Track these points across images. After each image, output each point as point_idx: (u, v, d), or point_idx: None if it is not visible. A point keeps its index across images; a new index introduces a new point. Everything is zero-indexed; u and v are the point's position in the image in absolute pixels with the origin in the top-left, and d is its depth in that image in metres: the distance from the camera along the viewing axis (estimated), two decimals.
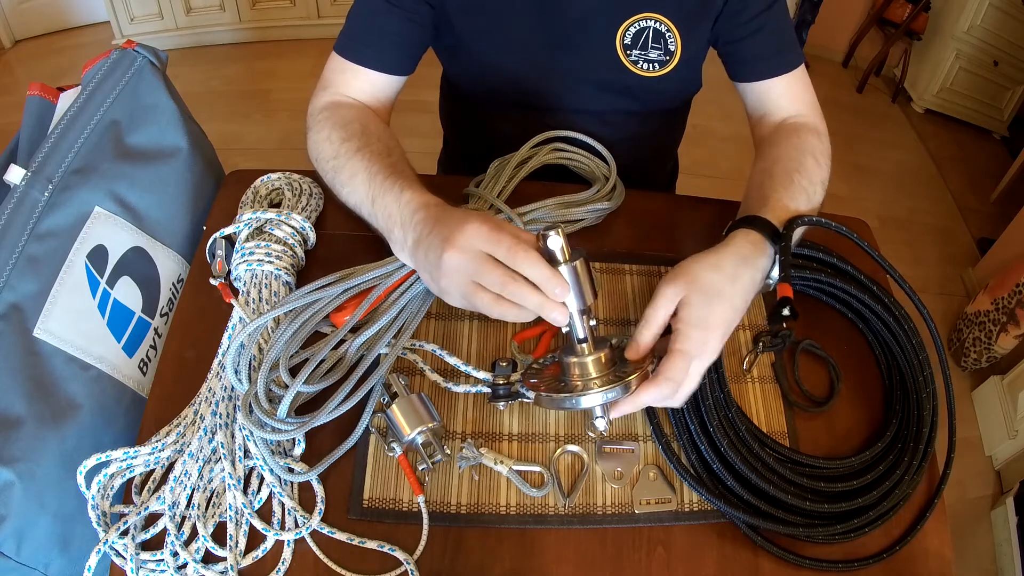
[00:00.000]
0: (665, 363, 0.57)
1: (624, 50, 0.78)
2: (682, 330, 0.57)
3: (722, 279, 0.59)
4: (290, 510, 0.58)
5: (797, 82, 0.79)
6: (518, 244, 0.53)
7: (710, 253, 0.62)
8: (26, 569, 0.58)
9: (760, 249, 0.62)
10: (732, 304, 0.59)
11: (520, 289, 0.53)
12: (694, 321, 0.57)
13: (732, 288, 0.59)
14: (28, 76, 2.39)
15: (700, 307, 0.58)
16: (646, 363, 0.58)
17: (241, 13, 2.49)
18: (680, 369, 0.56)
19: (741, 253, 0.61)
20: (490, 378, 0.64)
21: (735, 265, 0.60)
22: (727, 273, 0.60)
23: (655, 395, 0.56)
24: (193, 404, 0.63)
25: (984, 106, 2.56)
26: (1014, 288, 1.68)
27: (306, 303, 0.64)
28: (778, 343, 0.70)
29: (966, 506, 1.61)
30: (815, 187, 0.70)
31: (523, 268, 0.53)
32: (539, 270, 0.53)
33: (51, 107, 0.71)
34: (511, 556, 0.58)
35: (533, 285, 0.53)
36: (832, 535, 0.59)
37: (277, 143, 2.23)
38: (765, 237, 0.63)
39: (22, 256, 0.62)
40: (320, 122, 0.73)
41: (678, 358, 0.56)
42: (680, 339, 0.57)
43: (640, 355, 0.59)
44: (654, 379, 0.56)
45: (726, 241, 0.63)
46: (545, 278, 0.53)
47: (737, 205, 0.73)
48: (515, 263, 0.53)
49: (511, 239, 0.54)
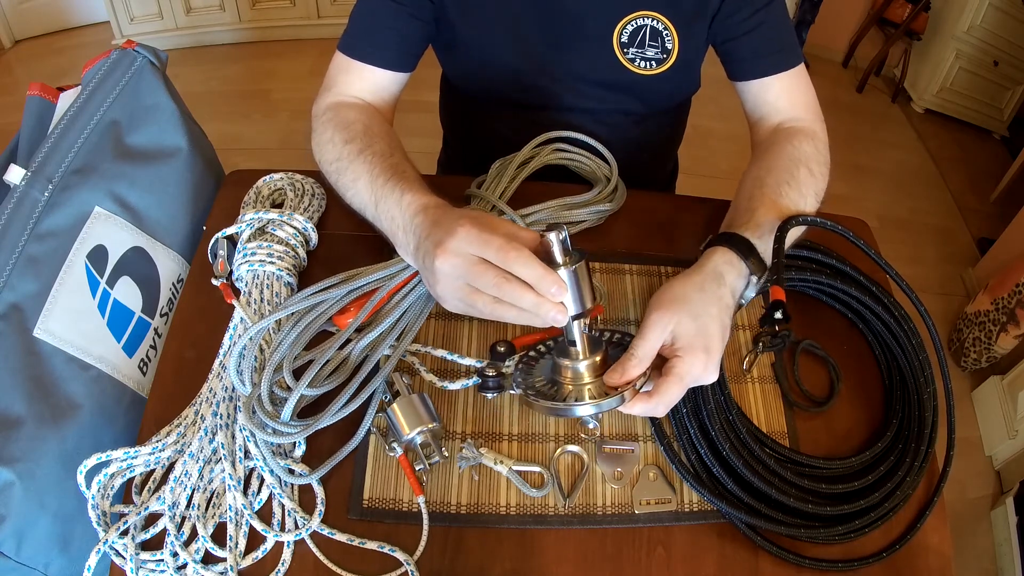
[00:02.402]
0: (663, 385, 0.56)
1: (621, 48, 0.78)
2: (683, 357, 0.56)
3: (708, 301, 0.59)
4: (290, 511, 0.58)
5: (796, 82, 0.78)
6: (508, 244, 0.52)
7: (690, 275, 0.61)
8: (26, 569, 0.58)
9: (735, 267, 0.62)
10: (722, 324, 0.59)
11: (514, 289, 0.52)
12: (693, 345, 0.56)
13: (718, 310, 0.59)
14: (28, 76, 2.39)
15: (695, 331, 0.57)
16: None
17: (241, 13, 2.49)
18: (677, 393, 0.56)
19: (717, 272, 0.61)
20: (480, 364, 0.63)
21: (715, 285, 0.60)
22: (711, 294, 0.59)
23: (644, 411, 0.57)
24: (194, 404, 0.63)
25: (984, 106, 2.56)
26: (1014, 288, 1.68)
27: (310, 305, 0.64)
28: (778, 343, 0.70)
29: (966, 506, 1.61)
30: (806, 200, 0.69)
31: (515, 268, 0.52)
32: (532, 269, 0.52)
33: (51, 107, 0.71)
34: (511, 556, 0.58)
35: (529, 285, 0.52)
36: (833, 536, 0.59)
37: (277, 143, 2.23)
38: (740, 257, 0.62)
39: (22, 256, 0.62)
40: (324, 123, 0.73)
41: (676, 383, 0.56)
42: (680, 364, 0.56)
43: (623, 383, 0.56)
44: (648, 399, 0.56)
45: (701, 261, 0.62)
46: (538, 277, 0.51)
47: None
48: (507, 264, 0.52)
49: (501, 239, 0.52)
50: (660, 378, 0.57)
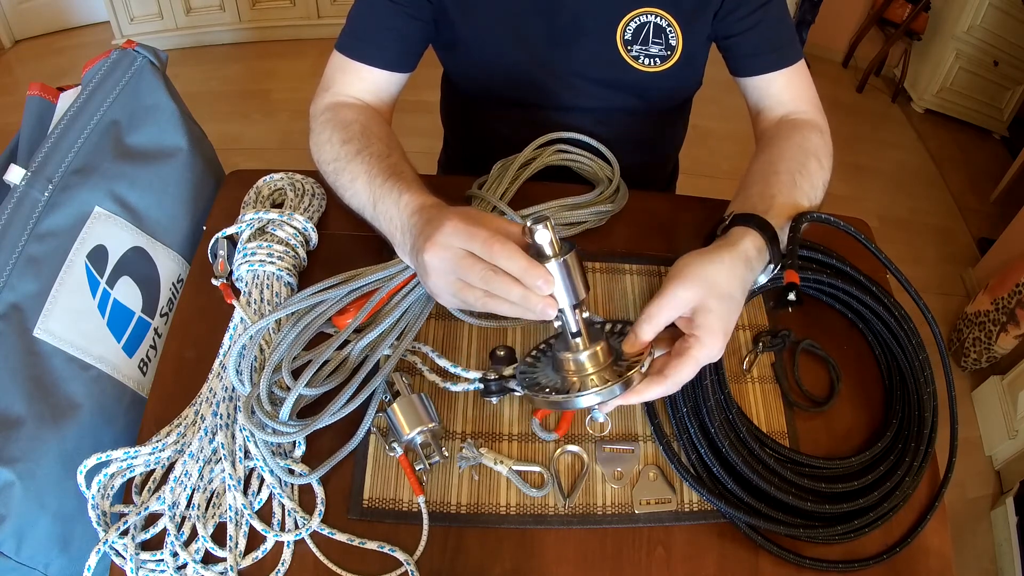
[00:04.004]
0: (676, 366, 0.55)
1: (625, 45, 0.78)
2: (701, 337, 0.55)
3: (735, 284, 0.58)
4: (290, 511, 0.58)
5: (797, 77, 0.79)
6: (493, 237, 0.51)
7: (720, 253, 0.59)
8: (26, 569, 0.58)
9: (762, 256, 0.61)
10: (739, 308, 0.58)
11: (502, 283, 0.51)
12: (715, 329, 0.55)
13: (741, 294, 0.58)
14: (28, 76, 2.39)
15: (720, 314, 0.56)
16: (644, 355, 0.57)
17: (241, 13, 2.49)
18: (690, 373, 0.56)
19: (747, 256, 0.60)
20: (480, 375, 0.63)
21: (744, 269, 0.59)
22: (739, 277, 0.58)
23: (658, 393, 0.56)
24: (194, 404, 0.63)
25: (984, 106, 2.56)
26: (1014, 288, 1.68)
27: (309, 305, 0.64)
28: (778, 343, 0.70)
29: (966, 506, 1.61)
30: (816, 190, 0.69)
31: (499, 261, 0.51)
32: (515, 262, 0.51)
33: (51, 107, 0.71)
34: (511, 556, 0.58)
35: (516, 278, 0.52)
36: (832, 536, 0.59)
37: (277, 143, 2.23)
38: (768, 247, 0.61)
39: (22, 256, 0.62)
40: (322, 124, 0.73)
41: (691, 364, 0.55)
42: (697, 345, 0.55)
43: (638, 349, 0.57)
44: (661, 380, 0.55)
45: (731, 240, 0.61)
46: (522, 270, 0.51)
47: None
48: (492, 257, 0.52)
49: (487, 233, 0.52)
50: (674, 359, 0.56)
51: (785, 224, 0.64)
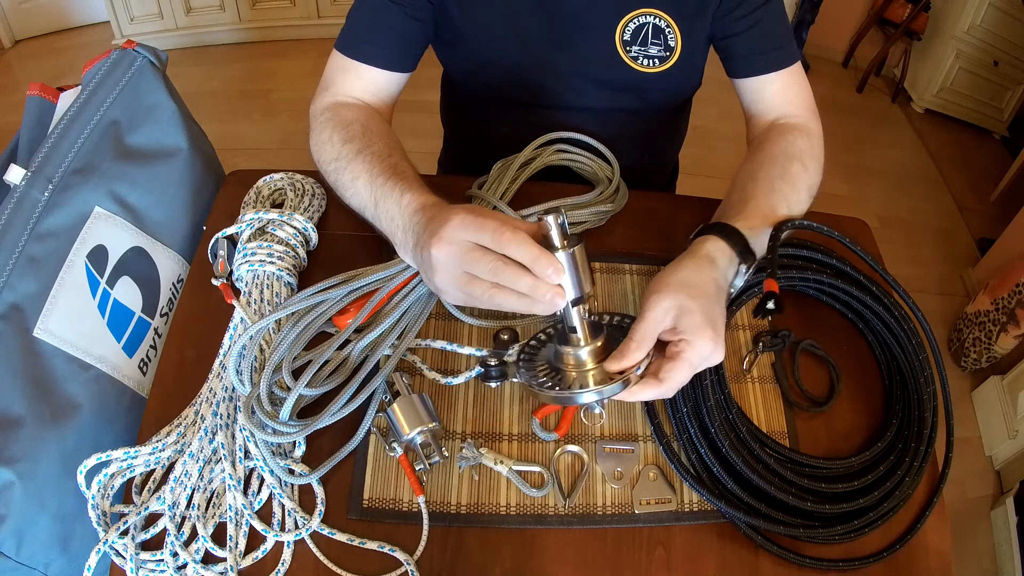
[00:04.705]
0: (672, 370, 0.55)
1: (624, 46, 0.78)
2: (689, 339, 0.55)
3: (707, 281, 0.59)
4: (290, 511, 0.58)
5: (792, 80, 0.79)
6: (503, 226, 0.52)
7: (682, 260, 0.61)
8: (26, 569, 0.58)
9: (725, 255, 0.62)
10: (721, 304, 0.58)
11: (511, 272, 0.51)
12: (700, 324, 0.56)
13: (716, 290, 0.59)
14: (28, 76, 2.39)
15: (702, 310, 0.56)
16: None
17: (241, 13, 2.50)
18: (685, 376, 0.56)
19: (710, 257, 0.61)
20: (482, 353, 0.63)
21: (710, 267, 0.60)
22: (708, 275, 0.59)
23: (654, 395, 0.56)
24: (194, 404, 0.63)
25: (984, 106, 2.56)
26: (1014, 288, 1.68)
27: (310, 305, 0.64)
28: (778, 343, 0.70)
29: (966, 506, 1.61)
30: (799, 194, 0.69)
31: (510, 250, 0.51)
32: (527, 250, 0.51)
33: (51, 107, 0.71)
34: (511, 556, 0.58)
35: (526, 268, 0.52)
36: (832, 536, 0.59)
37: (277, 143, 2.23)
38: (729, 245, 0.62)
39: (22, 256, 0.62)
40: (322, 124, 0.73)
41: (684, 366, 0.55)
42: (687, 347, 0.55)
43: (624, 368, 0.56)
44: (656, 383, 0.55)
45: (692, 248, 0.62)
46: (534, 257, 0.51)
47: None
48: (502, 246, 0.52)
49: (496, 223, 0.52)
50: (668, 363, 0.56)
51: (760, 226, 0.64)
